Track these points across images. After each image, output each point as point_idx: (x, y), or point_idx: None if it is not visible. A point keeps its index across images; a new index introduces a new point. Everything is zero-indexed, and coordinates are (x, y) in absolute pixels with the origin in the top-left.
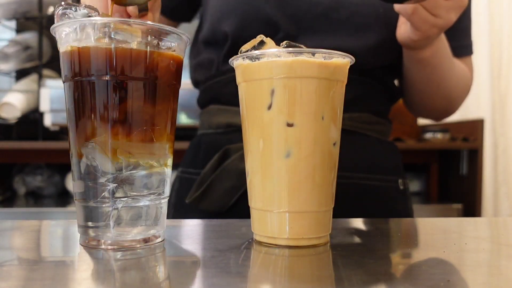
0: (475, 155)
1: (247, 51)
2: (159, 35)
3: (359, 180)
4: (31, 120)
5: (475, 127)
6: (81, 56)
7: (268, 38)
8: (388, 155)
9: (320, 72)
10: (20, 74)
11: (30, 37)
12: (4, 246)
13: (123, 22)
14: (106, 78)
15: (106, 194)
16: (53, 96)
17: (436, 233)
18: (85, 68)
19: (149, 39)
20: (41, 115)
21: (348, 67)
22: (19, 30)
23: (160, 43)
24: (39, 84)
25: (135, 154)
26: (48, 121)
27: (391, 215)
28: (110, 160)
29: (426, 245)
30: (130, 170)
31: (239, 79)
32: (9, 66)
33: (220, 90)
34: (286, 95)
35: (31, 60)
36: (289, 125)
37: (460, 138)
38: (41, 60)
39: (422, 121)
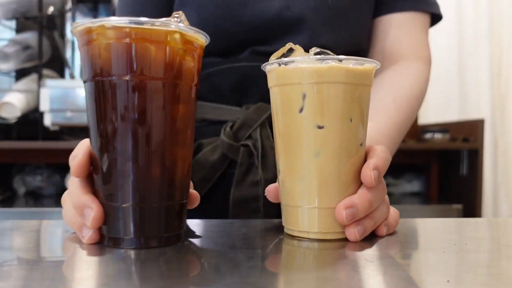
0: (475, 156)
1: (279, 57)
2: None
3: None
4: (31, 120)
5: (475, 127)
6: (101, 55)
7: (296, 45)
8: None
9: (350, 77)
10: (20, 74)
11: (30, 36)
12: (4, 246)
13: (141, 22)
14: (126, 78)
15: (126, 194)
16: (53, 96)
17: (436, 233)
18: (106, 68)
19: (169, 38)
20: (41, 115)
21: (374, 71)
22: (19, 29)
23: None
24: (39, 84)
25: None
26: (48, 121)
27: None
28: (131, 162)
29: (426, 246)
30: None
31: (271, 83)
32: (9, 66)
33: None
34: (317, 99)
35: (31, 59)
36: (320, 127)
37: (460, 138)
38: (41, 60)
39: (422, 121)
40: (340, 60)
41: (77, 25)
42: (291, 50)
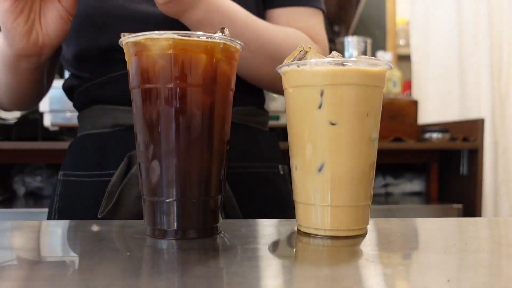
0: (475, 155)
1: (293, 59)
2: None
3: (245, 169)
4: (30, 120)
5: (475, 127)
6: (148, 64)
7: (309, 47)
8: (268, 143)
9: (365, 79)
10: None
11: None
12: (4, 246)
13: (184, 34)
14: (170, 86)
15: (170, 191)
16: (52, 97)
17: (436, 233)
18: (151, 76)
19: (209, 48)
20: (40, 115)
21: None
22: None
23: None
24: None
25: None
26: (47, 121)
27: (274, 196)
28: (175, 161)
29: (426, 245)
30: None
31: (285, 85)
32: None
33: (100, 92)
34: (334, 99)
35: None
36: (333, 124)
37: (460, 138)
38: None
39: (422, 121)
40: (355, 62)
41: (126, 37)
42: (304, 52)
